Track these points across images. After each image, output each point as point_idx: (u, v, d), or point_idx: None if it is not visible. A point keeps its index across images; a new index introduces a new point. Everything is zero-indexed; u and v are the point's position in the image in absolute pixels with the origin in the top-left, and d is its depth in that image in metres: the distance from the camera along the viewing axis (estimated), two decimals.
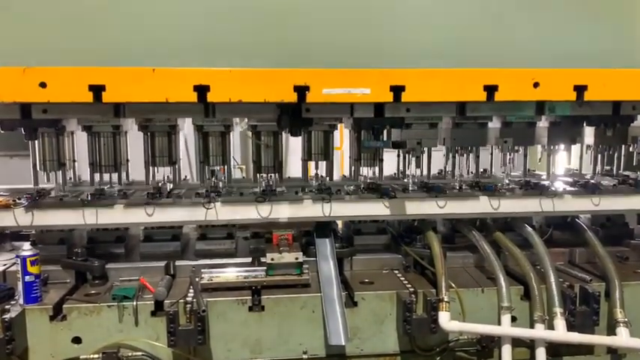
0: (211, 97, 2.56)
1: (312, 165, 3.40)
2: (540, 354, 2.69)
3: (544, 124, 3.39)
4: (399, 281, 2.96)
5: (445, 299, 2.68)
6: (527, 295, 2.84)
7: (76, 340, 2.61)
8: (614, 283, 2.84)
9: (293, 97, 2.61)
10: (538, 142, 3.41)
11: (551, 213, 3.22)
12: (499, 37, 2.84)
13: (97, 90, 2.49)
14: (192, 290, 2.75)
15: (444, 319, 2.64)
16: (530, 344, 2.78)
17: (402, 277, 3.00)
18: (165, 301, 2.65)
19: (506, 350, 2.70)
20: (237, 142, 5.92)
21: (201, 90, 2.54)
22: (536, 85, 2.72)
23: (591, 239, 3.18)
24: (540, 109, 2.93)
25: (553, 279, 2.79)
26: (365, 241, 3.35)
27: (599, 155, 3.57)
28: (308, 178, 3.38)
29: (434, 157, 3.42)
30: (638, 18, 2.91)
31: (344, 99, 2.65)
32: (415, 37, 2.80)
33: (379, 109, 2.84)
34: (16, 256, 2.65)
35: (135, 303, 2.63)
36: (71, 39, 2.62)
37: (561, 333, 2.67)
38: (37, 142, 3.03)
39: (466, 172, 3.49)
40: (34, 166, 3.08)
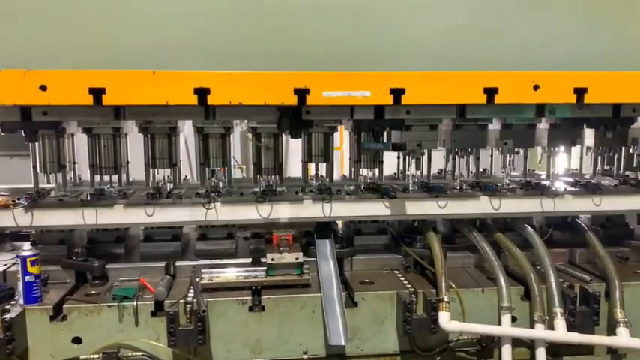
0: (211, 100, 2.56)
1: (312, 166, 3.39)
2: (540, 354, 2.69)
3: (544, 126, 3.39)
4: (399, 281, 2.96)
5: (445, 299, 2.68)
6: (527, 295, 2.84)
7: (76, 340, 2.61)
8: (614, 283, 2.84)
9: (293, 100, 2.61)
10: (538, 143, 3.40)
11: (552, 213, 3.22)
12: (499, 40, 2.84)
13: (97, 93, 2.49)
14: (192, 290, 2.75)
15: (444, 319, 2.64)
16: (531, 344, 2.78)
17: (402, 277, 3.00)
18: (166, 301, 2.65)
19: (506, 350, 2.70)
20: (237, 141, 5.92)
21: (202, 93, 2.54)
22: (536, 88, 2.72)
23: (591, 239, 3.18)
24: (540, 111, 2.93)
25: (553, 279, 2.79)
26: (365, 241, 3.35)
27: (599, 157, 3.57)
28: (308, 179, 3.38)
29: (434, 158, 3.41)
30: (637, 20, 2.91)
31: (344, 101, 2.65)
32: (415, 39, 2.80)
33: (379, 111, 2.84)
34: (17, 256, 2.65)
35: (135, 303, 2.63)
36: (71, 41, 2.62)
37: (561, 333, 2.67)
38: (37, 145, 3.02)
39: (466, 173, 3.49)
40: (34, 168, 3.07)
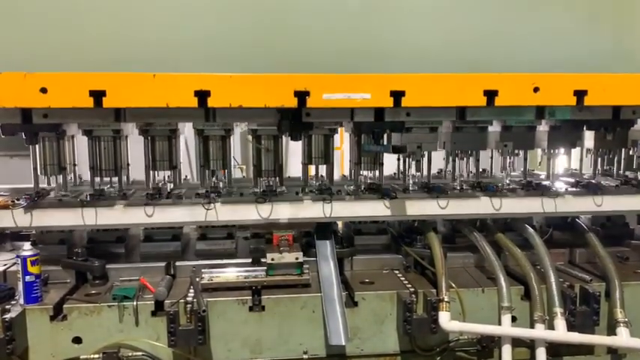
0: (212, 103, 2.56)
1: (312, 168, 3.38)
2: (540, 354, 2.69)
3: (544, 127, 3.38)
4: (399, 281, 2.96)
5: (445, 299, 2.68)
6: (527, 295, 2.84)
7: (77, 340, 2.61)
8: (614, 283, 2.84)
9: (293, 102, 2.60)
10: (538, 145, 3.40)
11: (554, 214, 3.20)
12: (499, 42, 2.84)
13: (97, 95, 2.49)
14: (192, 290, 2.75)
15: (444, 319, 2.64)
16: (531, 344, 2.78)
17: (403, 277, 3.00)
18: (166, 301, 2.65)
19: (507, 350, 2.70)
20: (237, 141, 5.91)
21: (202, 95, 2.54)
22: (537, 90, 2.71)
23: (591, 239, 3.17)
24: (540, 113, 2.93)
25: (553, 279, 2.79)
26: (365, 241, 3.35)
27: (599, 159, 3.56)
28: (308, 181, 3.36)
29: (434, 158, 3.41)
30: (637, 22, 2.91)
31: (344, 104, 2.65)
32: (415, 42, 2.80)
33: (379, 113, 2.84)
34: (17, 256, 2.65)
35: (135, 303, 2.63)
36: (72, 44, 2.62)
37: (561, 333, 2.67)
38: (37, 147, 3.02)
39: (466, 175, 3.48)
40: (34, 170, 3.07)
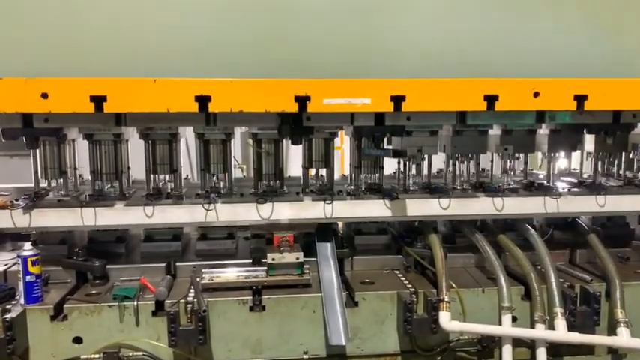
0: (212, 108, 2.56)
1: (312, 171, 3.37)
2: (541, 354, 2.69)
3: (544, 131, 3.38)
4: (399, 281, 2.96)
5: (446, 299, 2.68)
6: (527, 295, 2.84)
7: (77, 340, 2.62)
8: (614, 283, 2.84)
9: (294, 107, 2.60)
10: (538, 149, 3.40)
11: (556, 214, 3.18)
12: (499, 47, 2.83)
13: (98, 100, 2.49)
14: (192, 290, 2.75)
15: (444, 319, 2.64)
16: (531, 344, 2.78)
17: (403, 277, 3.00)
18: (166, 301, 2.65)
19: (507, 350, 2.70)
20: (237, 141, 5.91)
21: (203, 100, 2.54)
22: (537, 95, 2.71)
23: (592, 239, 3.17)
24: (541, 117, 2.92)
25: (553, 279, 2.79)
26: (365, 241, 3.35)
27: (599, 162, 3.54)
28: (308, 183, 3.33)
29: (434, 160, 3.39)
30: (637, 27, 2.91)
31: (344, 109, 2.65)
32: (416, 45, 2.79)
33: (380, 117, 2.83)
34: (17, 256, 2.65)
35: (136, 303, 2.63)
36: (72, 50, 2.62)
37: (562, 333, 2.67)
38: (38, 151, 3.02)
39: (466, 176, 3.45)
40: (35, 174, 3.07)
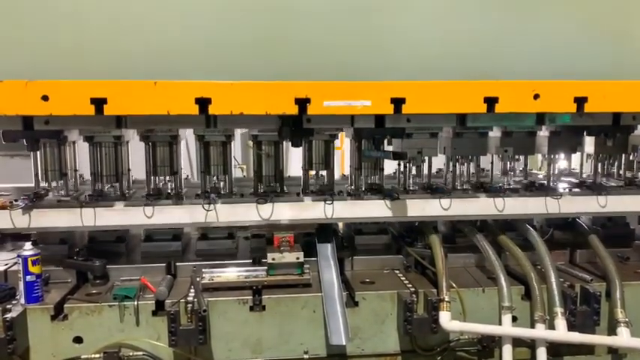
0: (213, 110, 2.56)
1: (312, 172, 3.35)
2: (541, 354, 2.70)
3: (544, 133, 3.37)
4: (399, 281, 2.96)
5: (446, 299, 2.68)
6: (527, 295, 2.84)
7: (77, 340, 2.62)
8: (614, 283, 2.84)
9: (294, 110, 2.60)
10: (538, 151, 3.40)
11: (558, 215, 3.17)
12: (499, 49, 2.83)
13: (98, 103, 2.49)
14: (193, 290, 2.75)
15: (444, 318, 2.64)
16: (531, 344, 2.78)
17: (403, 277, 3.00)
18: (167, 301, 2.65)
19: (507, 350, 2.70)
20: (237, 141, 5.91)
21: (203, 102, 2.54)
22: (537, 97, 2.71)
23: (592, 239, 3.17)
24: (541, 119, 2.92)
25: (554, 279, 2.79)
26: (366, 241, 3.35)
27: (599, 164, 3.54)
28: (309, 185, 3.31)
29: (434, 160, 3.39)
30: (637, 29, 2.90)
31: (345, 111, 2.65)
32: (415, 49, 2.80)
33: (380, 119, 2.84)
34: (18, 256, 2.65)
35: (136, 303, 2.63)
36: (72, 52, 2.62)
37: (562, 333, 2.67)
38: (38, 153, 3.02)
39: (467, 177, 3.45)
40: (35, 176, 3.07)
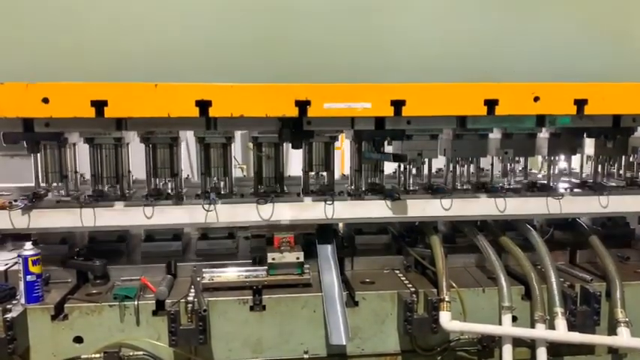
0: (213, 112, 2.56)
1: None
2: (541, 354, 2.70)
3: (544, 135, 3.37)
4: (399, 281, 2.96)
5: (446, 299, 2.69)
6: (527, 295, 2.85)
7: (78, 340, 2.62)
8: (614, 283, 2.85)
9: (294, 112, 2.61)
10: (539, 152, 3.40)
11: (559, 215, 3.16)
12: (499, 51, 2.83)
13: (99, 105, 2.49)
14: (193, 290, 2.75)
15: (444, 318, 2.64)
16: (531, 344, 2.78)
17: (403, 277, 3.01)
18: (167, 301, 2.66)
19: (507, 350, 2.71)
20: (238, 141, 5.91)
21: (203, 105, 2.54)
22: (537, 99, 2.71)
23: (592, 239, 3.17)
24: (541, 121, 2.92)
25: (554, 279, 2.79)
26: (366, 241, 3.35)
27: (599, 166, 3.53)
28: (309, 187, 3.30)
29: (434, 160, 3.38)
30: (637, 31, 2.90)
31: (345, 113, 2.65)
32: (415, 49, 2.79)
33: (380, 121, 2.84)
34: (18, 256, 2.65)
35: (136, 302, 2.64)
36: (73, 54, 2.62)
37: (562, 333, 2.67)
38: (39, 155, 3.02)
39: (466, 180, 3.44)
40: (36, 178, 3.07)
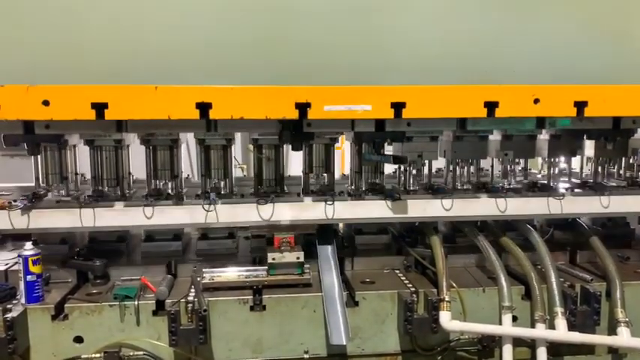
0: (213, 115, 2.56)
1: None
2: (541, 354, 2.70)
3: (545, 136, 3.38)
4: (400, 281, 2.96)
5: (446, 299, 2.69)
6: (528, 295, 2.85)
7: (78, 340, 2.62)
8: (615, 282, 2.85)
9: (294, 114, 2.60)
10: (539, 154, 3.40)
11: (560, 215, 3.16)
12: (499, 52, 2.83)
13: (99, 107, 2.49)
14: (193, 290, 2.75)
15: (445, 318, 2.64)
16: (531, 344, 2.78)
17: (403, 277, 3.01)
18: (167, 301, 2.66)
19: (507, 350, 2.71)
20: (238, 141, 5.91)
21: (204, 107, 2.54)
22: (537, 102, 2.71)
23: (593, 239, 3.17)
24: (541, 123, 2.92)
25: (554, 279, 2.79)
26: (366, 241, 3.35)
27: (599, 167, 3.53)
28: (309, 185, 3.31)
29: (434, 162, 3.39)
30: (637, 33, 2.90)
31: (345, 115, 2.65)
32: (415, 49, 2.79)
33: (380, 123, 2.84)
34: (18, 256, 2.65)
35: (136, 302, 2.64)
36: (73, 57, 2.62)
37: (562, 333, 2.67)
38: (39, 156, 3.02)
39: (467, 180, 3.44)
40: (36, 180, 3.07)
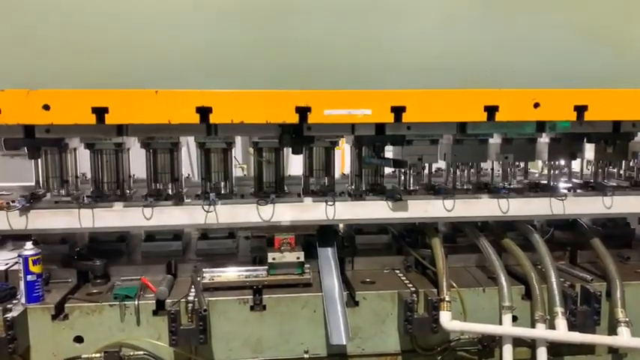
0: (213, 119, 2.56)
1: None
2: (541, 354, 2.70)
3: (545, 140, 3.37)
4: (400, 281, 2.96)
5: (446, 299, 2.69)
6: (528, 295, 2.85)
7: (78, 340, 2.62)
8: (615, 282, 2.85)
9: (295, 118, 2.60)
10: (539, 157, 3.40)
11: (563, 216, 3.15)
12: (499, 57, 2.83)
13: (100, 112, 2.49)
14: (193, 289, 2.75)
15: (445, 318, 2.64)
16: (532, 344, 2.78)
17: (404, 277, 3.01)
18: (167, 301, 2.66)
19: (507, 350, 2.71)
20: (238, 141, 5.91)
21: (204, 111, 2.54)
22: (537, 106, 2.71)
23: (593, 239, 3.17)
24: (541, 126, 2.92)
25: (554, 279, 2.79)
26: (366, 241, 3.34)
27: (599, 170, 3.53)
28: (309, 187, 3.31)
29: (434, 163, 3.40)
30: (637, 37, 2.90)
31: (345, 120, 2.65)
32: (416, 57, 2.79)
33: (380, 126, 2.83)
34: (18, 256, 2.65)
35: (136, 302, 2.64)
36: (74, 61, 2.62)
37: (562, 333, 2.67)
38: (39, 160, 3.02)
39: (467, 181, 3.44)
40: (36, 183, 3.07)
